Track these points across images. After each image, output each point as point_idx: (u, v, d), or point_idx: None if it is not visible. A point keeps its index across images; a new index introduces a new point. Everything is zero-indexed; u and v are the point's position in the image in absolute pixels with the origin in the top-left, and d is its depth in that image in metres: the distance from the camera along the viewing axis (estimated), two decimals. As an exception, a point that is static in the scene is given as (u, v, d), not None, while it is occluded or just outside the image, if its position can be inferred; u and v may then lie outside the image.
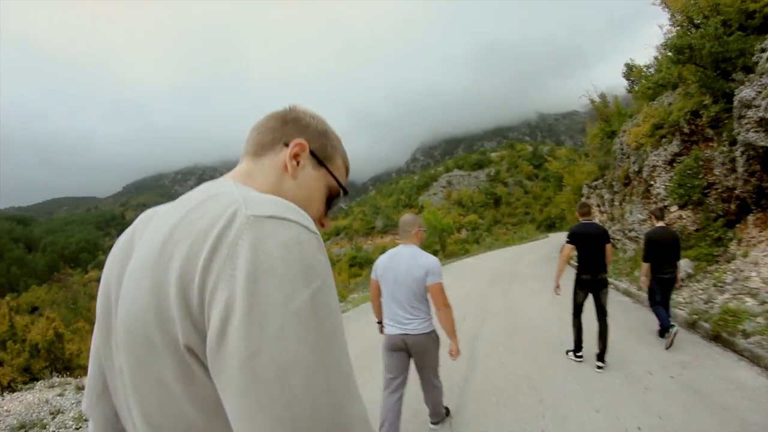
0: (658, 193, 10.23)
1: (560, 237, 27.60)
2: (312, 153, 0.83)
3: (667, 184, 10.07)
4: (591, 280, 5.09)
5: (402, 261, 3.34)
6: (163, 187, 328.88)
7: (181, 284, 0.56)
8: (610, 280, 5.84)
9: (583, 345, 5.19)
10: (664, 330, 5.52)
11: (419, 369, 3.45)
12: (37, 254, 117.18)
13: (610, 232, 10.17)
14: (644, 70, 18.20)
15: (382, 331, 3.58)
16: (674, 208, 9.92)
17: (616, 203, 13.66)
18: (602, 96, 19.19)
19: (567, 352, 5.38)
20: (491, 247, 32.30)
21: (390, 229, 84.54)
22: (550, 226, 55.30)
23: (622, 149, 13.47)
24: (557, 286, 5.37)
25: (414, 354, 3.39)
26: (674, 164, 10.12)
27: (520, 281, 12.61)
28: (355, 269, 49.20)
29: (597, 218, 16.28)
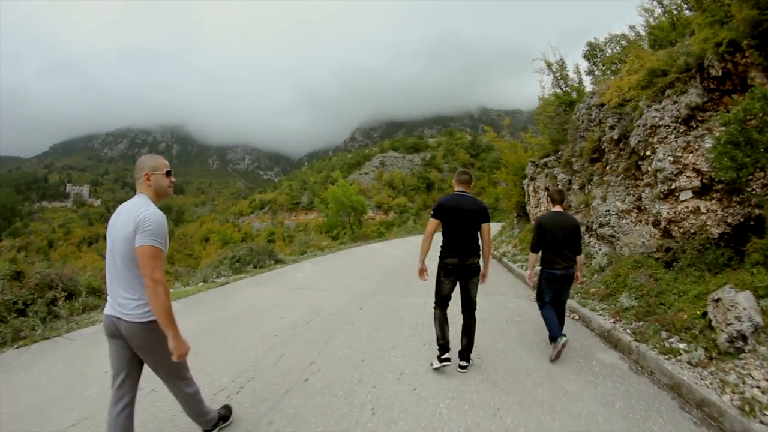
0: (660, 169, 6.26)
1: (492, 228, 24.14)
2: None
3: (678, 154, 6.11)
4: (458, 265, 4.08)
5: (120, 216, 2.49)
6: (92, 150, 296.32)
7: None
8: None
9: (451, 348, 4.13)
10: (553, 338, 4.52)
11: (153, 370, 2.59)
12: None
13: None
14: (609, 45, 14.75)
15: None
16: (687, 194, 6.00)
17: (576, 186, 9.75)
18: (561, 61, 15.37)
19: (437, 360, 4.15)
20: (411, 232, 28.01)
21: (315, 206, 79.81)
22: (481, 217, 52.17)
23: (590, 115, 9.53)
24: (422, 270, 4.23)
25: (134, 348, 2.50)
26: (692, 124, 6.20)
27: (424, 288, 8.21)
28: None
29: (543, 206, 12.41)
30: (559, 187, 10.52)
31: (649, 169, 6.68)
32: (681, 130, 6.25)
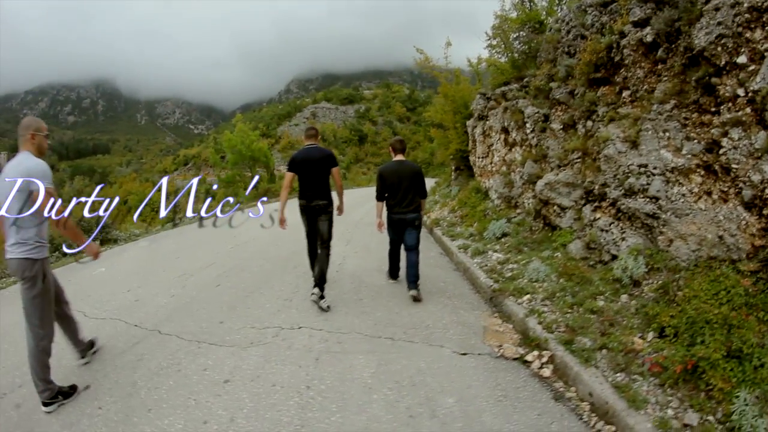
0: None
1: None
2: None
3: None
4: (306, 206, 4.87)
5: (8, 173, 2.88)
6: (10, 111, 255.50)
7: None
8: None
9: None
10: (393, 275, 5.62)
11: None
12: None
13: (540, 193, 6.10)
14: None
15: None
16: None
17: (556, 126, 6.42)
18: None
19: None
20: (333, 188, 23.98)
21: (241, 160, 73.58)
22: (415, 171, 49.35)
23: (585, 19, 6.09)
24: (282, 220, 4.89)
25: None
26: None
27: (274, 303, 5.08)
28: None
29: (497, 156, 9.00)
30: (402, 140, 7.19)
31: (740, 92, 3.37)
32: None
